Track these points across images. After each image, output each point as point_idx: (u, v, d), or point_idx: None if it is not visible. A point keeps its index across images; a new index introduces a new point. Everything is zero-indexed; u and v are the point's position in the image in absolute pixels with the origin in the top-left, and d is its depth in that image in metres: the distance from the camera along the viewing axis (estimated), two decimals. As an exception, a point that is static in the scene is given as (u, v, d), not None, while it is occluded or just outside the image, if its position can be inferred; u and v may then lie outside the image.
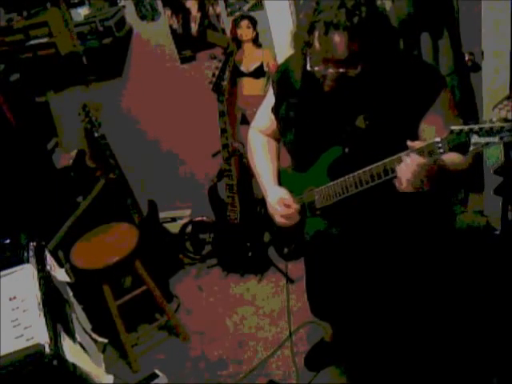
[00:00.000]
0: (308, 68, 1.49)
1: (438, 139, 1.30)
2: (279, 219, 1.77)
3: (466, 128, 1.23)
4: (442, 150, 1.30)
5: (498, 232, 2.79)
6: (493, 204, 2.82)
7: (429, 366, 2.12)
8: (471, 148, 1.23)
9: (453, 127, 1.25)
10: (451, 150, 1.27)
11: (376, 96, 1.51)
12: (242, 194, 3.02)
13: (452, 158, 1.41)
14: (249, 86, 3.07)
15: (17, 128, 2.92)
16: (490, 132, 1.19)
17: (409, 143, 1.36)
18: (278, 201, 1.74)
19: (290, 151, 1.80)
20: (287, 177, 1.86)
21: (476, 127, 1.21)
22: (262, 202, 1.87)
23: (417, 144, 1.35)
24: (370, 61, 1.42)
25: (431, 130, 1.48)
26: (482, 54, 2.58)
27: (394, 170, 1.41)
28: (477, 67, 2.70)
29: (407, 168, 1.36)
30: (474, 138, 1.21)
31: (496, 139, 1.19)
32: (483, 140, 1.20)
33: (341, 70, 1.42)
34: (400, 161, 1.38)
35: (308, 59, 1.48)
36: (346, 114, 1.56)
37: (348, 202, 1.59)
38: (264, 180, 1.85)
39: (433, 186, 1.38)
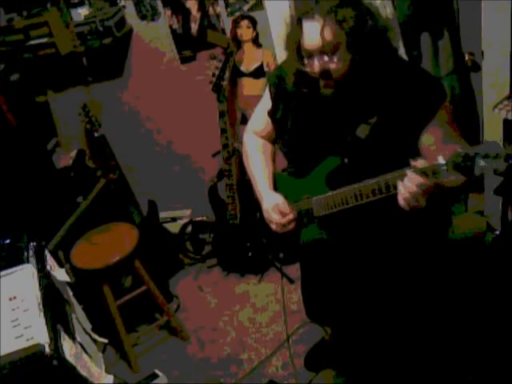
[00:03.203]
0: (299, 67, 1.49)
1: (442, 161, 1.27)
2: (274, 226, 1.75)
3: (471, 152, 1.20)
4: (445, 172, 1.27)
5: (497, 232, 2.79)
6: (493, 204, 2.81)
7: (427, 368, 2.12)
8: (476, 171, 1.20)
9: (458, 150, 1.23)
10: (455, 171, 1.25)
11: (377, 105, 1.50)
12: (242, 194, 3.02)
13: (451, 177, 1.37)
14: (249, 86, 3.07)
15: (17, 128, 2.92)
16: (496, 157, 1.17)
17: (412, 162, 1.34)
18: (274, 208, 1.72)
19: (286, 156, 1.79)
20: (283, 182, 1.83)
21: (482, 152, 1.18)
22: (259, 205, 1.85)
23: (420, 163, 1.33)
24: (360, 56, 1.41)
25: (431, 140, 1.47)
26: (482, 53, 2.58)
27: (395, 187, 1.39)
28: (477, 67, 2.70)
29: (405, 188, 1.35)
30: (480, 162, 1.18)
31: (502, 164, 1.16)
32: (489, 164, 1.17)
33: (325, 59, 1.42)
34: (402, 178, 1.36)
35: (298, 58, 1.49)
36: (345, 123, 1.55)
37: (346, 212, 1.58)
38: (259, 185, 1.82)
39: (429, 203, 1.37)
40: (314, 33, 1.39)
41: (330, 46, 1.39)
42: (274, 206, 1.72)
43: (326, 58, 1.42)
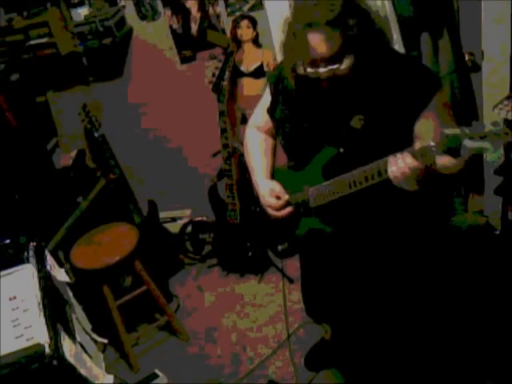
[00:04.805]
0: (301, 72, 1.50)
1: (432, 143, 1.30)
2: (271, 211, 1.78)
3: (458, 132, 1.22)
4: (434, 154, 1.30)
5: (498, 232, 2.79)
6: (493, 204, 2.81)
7: (427, 367, 2.12)
8: (463, 152, 1.22)
9: (446, 131, 1.25)
10: (444, 153, 1.27)
11: (371, 96, 1.51)
12: (242, 194, 3.03)
13: (443, 162, 1.41)
14: (249, 86, 3.07)
15: (17, 128, 2.93)
16: (482, 137, 1.19)
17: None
18: (270, 193, 1.76)
19: (285, 150, 1.80)
20: (282, 175, 1.85)
21: (468, 132, 1.21)
22: (259, 200, 1.87)
23: (412, 147, 1.35)
24: (358, 56, 1.43)
25: (425, 129, 1.48)
26: (482, 53, 2.58)
27: (387, 172, 1.41)
28: (477, 67, 2.70)
29: (398, 169, 1.37)
30: (467, 143, 1.20)
31: (488, 144, 1.18)
32: (475, 145, 1.20)
33: (329, 68, 1.43)
34: (395, 159, 1.39)
35: (299, 64, 1.49)
36: (340, 115, 1.57)
37: (342, 201, 1.60)
38: (256, 175, 1.85)
39: (421, 188, 1.39)
40: (320, 43, 1.39)
41: (338, 52, 1.41)
42: (269, 190, 1.76)
43: (330, 66, 1.43)
